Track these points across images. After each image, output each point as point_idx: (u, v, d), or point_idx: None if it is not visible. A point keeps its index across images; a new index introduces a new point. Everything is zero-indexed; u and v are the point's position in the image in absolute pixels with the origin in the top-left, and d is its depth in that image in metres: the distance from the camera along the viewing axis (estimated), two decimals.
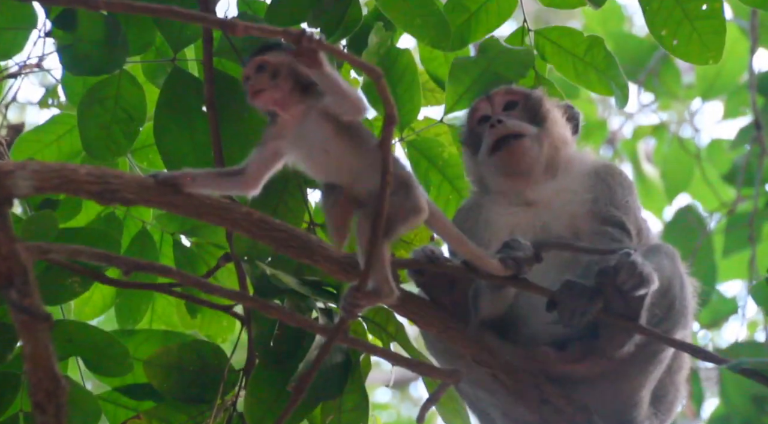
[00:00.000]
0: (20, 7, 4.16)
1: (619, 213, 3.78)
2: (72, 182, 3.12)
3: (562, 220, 3.77)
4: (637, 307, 3.48)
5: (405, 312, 3.59)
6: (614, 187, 3.85)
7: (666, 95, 8.89)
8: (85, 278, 3.94)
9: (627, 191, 3.86)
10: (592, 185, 3.84)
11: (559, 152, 3.94)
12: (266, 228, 3.33)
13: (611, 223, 3.74)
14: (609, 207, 3.78)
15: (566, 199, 3.81)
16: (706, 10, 4.02)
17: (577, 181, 3.86)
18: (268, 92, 3.24)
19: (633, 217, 3.82)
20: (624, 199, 3.83)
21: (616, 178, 3.89)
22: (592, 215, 3.76)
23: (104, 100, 4.22)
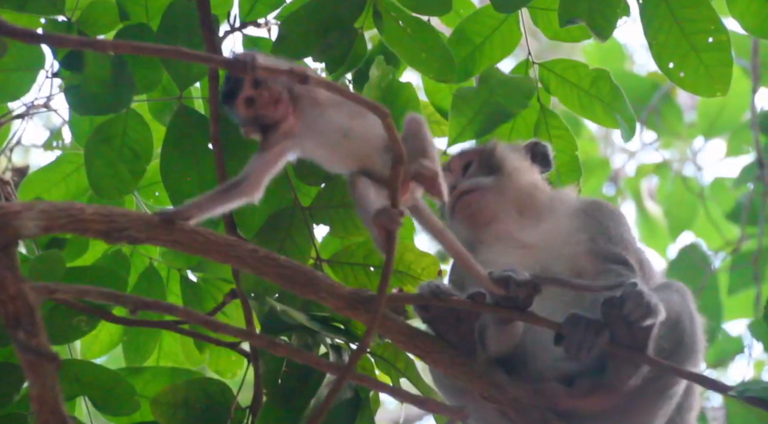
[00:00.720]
0: (28, 49, 4.19)
1: (619, 249, 3.78)
2: (79, 222, 3.13)
3: (561, 261, 3.77)
4: (645, 338, 3.46)
5: (412, 348, 3.57)
6: (606, 223, 3.86)
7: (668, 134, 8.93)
8: (91, 317, 3.93)
9: (619, 224, 3.87)
10: (583, 224, 3.85)
11: (532, 192, 3.97)
12: (272, 265, 3.33)
13: (614, 260, 3.74)
14: (607, 245, 3.78)
15: (562, 240, 3.81)
16: (712, 43, 4.04)
17: (566, 221, 3.87)
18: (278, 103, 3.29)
19: (632, 249, 3.83)
20: (618, 233, 3.84)
21: (606, 214, 3.90)
22: (593, 254, 3.77)
23: (111, 139, 4.25)
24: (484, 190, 3.94)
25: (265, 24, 4.37)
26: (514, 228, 3.89)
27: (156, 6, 4.26)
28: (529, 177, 4.01)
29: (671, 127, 8.82)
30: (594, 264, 3.74)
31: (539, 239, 3.84)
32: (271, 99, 3.32)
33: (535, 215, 3.92)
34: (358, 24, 4.23)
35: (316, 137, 3.34)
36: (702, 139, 8.93)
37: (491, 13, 4.33)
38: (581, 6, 4.04)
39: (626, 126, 4.35)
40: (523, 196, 3.95)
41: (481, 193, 3.94)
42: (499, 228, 3.90)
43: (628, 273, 3.70)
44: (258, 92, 3.32)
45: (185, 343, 4.50)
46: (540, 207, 3.95)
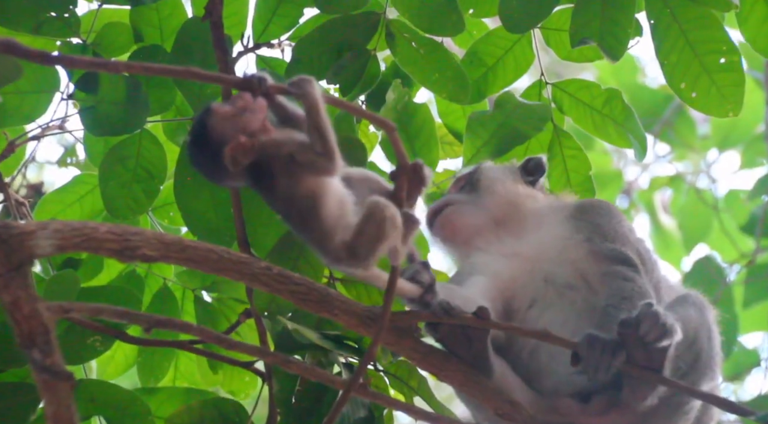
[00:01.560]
0: (43, 71, 4.21)
1: (617, 245, 3.78)
2: (93, 241, 3.13)
3: (565, 268, 3.77)
4: (661, 358, 3.45)
5: (426, 366, 3.57)
6: (597, 221, 3.86)
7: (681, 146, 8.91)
8: (106, 337, 3.94)
9: (611, 219, 3.88)
10: (577, 226, 3.85)
11: (513, 202, 3.98)
12: (285, 282, 3.33)
13: (615, 260, 3.74)
14: (605, 243, 3.78)
15: (560, 245, 3.82)
16: (724, 64, 4.05)
17: (560, 226, 3.88)
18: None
19: (629, 243, 3.82)
20: (612, 228, 3.84)
21: (596, 211, 3.91)
22: (593, 255, 3.77)
23: (125, 160, 4.27)
24: (456, 206, 3.97)
25: (278, 45, 4.39)
26: (500, 239, 3.89)
27: (170, 27, 4.29)
28: (508, 188, 4.03)
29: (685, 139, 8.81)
30: (596, 265, 3.74)
31: (536, 248, 3.84)
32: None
33: (522, 224, 3.93)
34: (371, 45, 4.26)
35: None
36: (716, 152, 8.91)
37: (504, 34, 4.35)
38: (592, 27, 4.05)
39: (638, 146, 4.36)
40: (502, 208, 3.98)
41: (452, 210, 3.99)
42: (482, 241, 3.91)
43: (632, 273, 3.69)
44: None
45: (200, 363, 4.51)
46: (528, 216, 3.96)
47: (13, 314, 2.97)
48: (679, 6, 4.05)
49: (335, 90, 4.28)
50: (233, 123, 3.07)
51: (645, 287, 3.67)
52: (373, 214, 3.10)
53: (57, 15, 4.12)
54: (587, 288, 3.73)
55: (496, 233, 3.93)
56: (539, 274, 3.77)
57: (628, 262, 3.73)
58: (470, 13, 4.41)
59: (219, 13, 4.05)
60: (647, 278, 3.73)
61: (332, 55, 4.19)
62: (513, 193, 4.02)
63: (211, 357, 4.19)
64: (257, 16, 4.30)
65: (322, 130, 3.02)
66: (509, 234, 3.92)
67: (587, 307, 3.66)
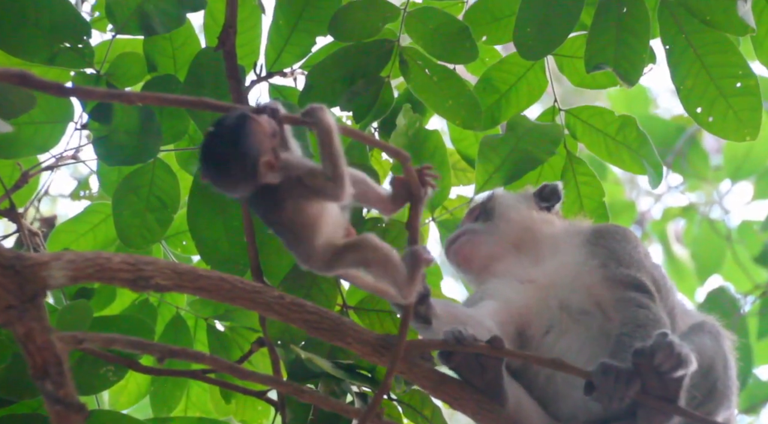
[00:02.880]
0: (57, 101, 4.23)
1: (632, 271, 3.76)
2: (106, 271, 3.13)
3: (580, 294, 3.76)
4: (676, 388, 3.42)
5: (440, 394, 3.56)
6: (613, 246, 3.85)
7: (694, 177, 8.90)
8: (119, 367, 3.93)
9: (626, 244, 3.86)
10: (592, 252, 3.84)
11: (530, 228, 3.97)
12: (299, 311, 3.32)
13: (630, 286, 3.73)
14: (620, 268, 3.77)
15: (575, 271, 3.80)
16: (741, 88, 4.04)
17: (575, 252, 3.87)
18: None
19: (645, 269, 3.80)
20: (627, 253, 3.82)
21: (611, 237, 3.89)
22: (608, 282, 3.75)
23: (139, 189, 4.28)
24: (472, 234, 3.97)
25: (291, 73, 4.41)
26: (516, 265, 3.89)
27: (183, 57, 4.31)
28: (523, 215, 4.02)
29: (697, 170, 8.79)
30: (610, 291, 3.73)
31: (551, 274, 3.83)
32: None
33: (539, 250, 3.93)
34: (384, 73, 4.28)
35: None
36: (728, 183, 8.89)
37: (517, 60, 4.37)
38: (607, 53, 4.07)
39: (653, 172, 4.35)
40: (518, 234, 3.97)
41: (468, 238, 3.99)
42: (499, 267, 3.90)
43: (646, 300, 3.68)
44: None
45: (213, 393, 4.49)
46: (543, 242, 3.95)
47: (27, 346, 2.97)
48: (694, 31, 4.06)
49: (348, 117, 4.30)
50: (268, 137, 3.06)
51: (659, 315, 3.65)
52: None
53: (71, 46, 4.14)
54: (602, 315, 3.71)
55: (513, 259, 3.93)
56: (554, 300, 3.76)
57: (642, 288, 3.72)
58: (483, 40, 4.42)
59: (232, 42, 4.07)
60: (662, 305, 3.71)
61: (345, 82, 4.21)
62: (528, 220, 4.02)
63: (224, 386, 4.16)
64: (270, 45, 4.32)
65: (334, 157, 3.03)
66: (525, 260, 3.91)
67: (602, 334, 3.64)
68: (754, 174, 8.69)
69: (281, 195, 3.08)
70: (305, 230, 3.11)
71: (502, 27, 4.40)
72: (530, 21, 4.08)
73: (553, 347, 3.70)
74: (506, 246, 3.96)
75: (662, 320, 3.64)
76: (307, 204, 3.09)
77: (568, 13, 4.06)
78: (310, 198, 3.08)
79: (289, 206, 3.08)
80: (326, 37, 4.30)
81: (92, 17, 4.54)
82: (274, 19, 4.30)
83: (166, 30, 4.23)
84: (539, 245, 3.95)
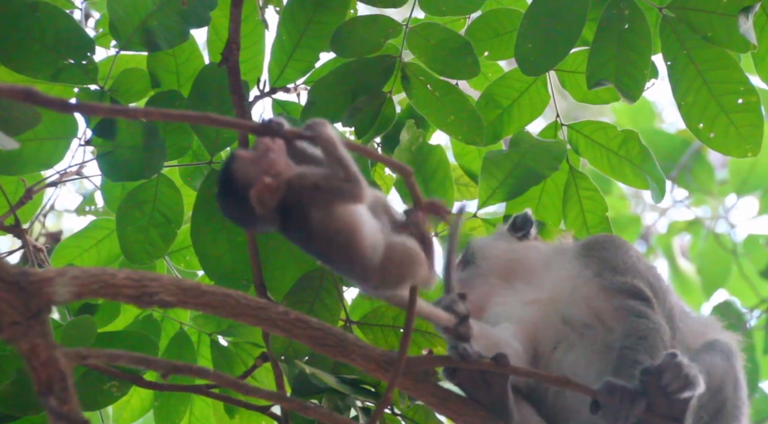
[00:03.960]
0: (61, 117, 4.23)
1: (627, 278, 3.75)
2: (111, 287, 3.13)
3: (579, 306, 3.75)
4: (682, 409, 3.40)
5: (444, 411, 3.54)
6: (604, 255, 3.84)
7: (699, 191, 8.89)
8: (123, 382, 3.93)
9: (617, 251, 3.86)
10: (585, 263, 3.84)
11: (518, 260, 3.99)
12: (303, 327, 3.31)
13: (626, 293, 3.72)
14: (615, 276, 3.76)
15: (572, 285, 3.80)
16: (742, 104, 4.04)
17: (569, 266, 3.86)
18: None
19: (639, 274, 3.79)
20: (621, 260, 3.82)
21: (600, 245, 3.89)
22: (604, 291, 3.74)
23: (142, 205, 4.29)
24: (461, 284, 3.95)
25: (294, 89, 4.42)
26: (513, 294, 3.88)
27: (187, 73, 4.33)
28: (502, 248, 4.02)
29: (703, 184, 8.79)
30: (608, 301, 3.72)
31: (549, 291, 3.83)
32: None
33: (532, 274, 3.92)
34: (386, 88, 4.29)
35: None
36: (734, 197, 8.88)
37: (519, 76, 4.37)
38: (609, 68, 4.07)
39: (656, 187, 4.34)
40: (504, 266, 3.98)
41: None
42: (499, 300, 3.90)
43: (644, 309, 3.67)
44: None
45: (216, 408, 4.48)
46: (534, 265, 3.95)
47: (31, 362, 2.97)
48: (696, 47, 4.06)
49: (351, 133, 4.30)
50: (256, 165, 3.08)
51: (659, 323, 3.64)
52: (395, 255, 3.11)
53: (75, 62, 4.16)
54: (602, 326, 3.71)
55: (508, 290, 3.92)
56: (557, 316, 3.76)
57: (639, 295, 3.71)
58: (485, 56, 4.43)
59: (236, 58, 4.08)
60: (660, 309, 3.70)
61: (348, 98, 4.22)
62: (509, 251, 4.02)
63: (228, 402, 4.16)
64: (273, 61, 4.33)
65: (343, 161, 3.03)
66: (521, 286, 3.91)
67: (606, 347, 3.64)
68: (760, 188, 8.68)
69: (305, 210, 3.08)
70: (343, 236, 3.09)
71: (504, 43, 4.40)
72: (532, 37, 4.09)
73: (562, 362, 3.69)
74: (496, 282, 3.95)
75: (662, 329, 3.64)
76: (333, 209, 3.07)
77: (570, 28, 4.07)
78: (333, 202, 3.07)
79: (316, 216, 3.08)
80: (330, 53, 4.32)
81: (96, 33, 4.57)
82: (277, 34, 4.31)
83: (170, 46, 4.24)
84: (530, 269, 3.95)
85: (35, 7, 4.07)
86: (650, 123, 9.09)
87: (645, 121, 8.89)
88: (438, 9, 4.26)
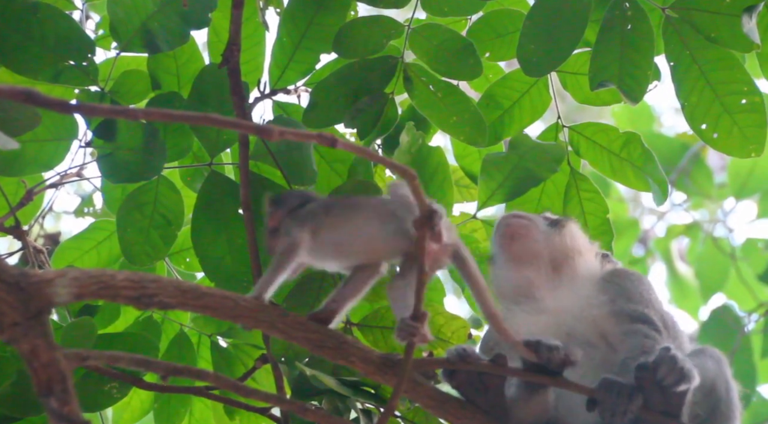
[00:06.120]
0: (62, 119, 4.24)
1: (640, 307, 3.75)
2: (111, 288, 3.13)
3: (585, 325, 3.74)
4: (679, 403, 3.41)
5: (442, 413, 3.54)
6: (625, 285, 3.84)
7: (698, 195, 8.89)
8: (123, 384, 3.93)
9: (639, 284, 3.85)
10: (604, 288, 3.83)
11: (567, 259, 3.95)
12: (302, 329, 3.32)
13: (637, 320, 3.72)
14: (628, 304, 3.76)
15: (583, 303, 3.79)
16: (745, 104, 4.04)
17: (587, 287, 3.86)
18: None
19: (654, 308, 3.79)
20: (638, 292, 3.82)
21: (624, 277, 3.89)
22: (615, 316, 3.74)
23: (143, 206, 4.28)
24: (534, 224, 3.93)
25: (294, 91, 4.42)
26: (542, 286, 3.86)
27: (187, 74, 4.33)
28: (579, 244, 3.99)
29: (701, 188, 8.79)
30: (618, 325, 3.72)
31: (562, 304, 3.82)
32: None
33: (559, 277, 3.90)
34: (388, 89, 4.29)
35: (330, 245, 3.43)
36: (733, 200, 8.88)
37: (520, 77, 4.37)
38: (611, 69, 4.07)
39: (658, 189, 4.33)
40: (561, 258, 3.93)
41: (529, 223, 3.93)
42: (529, 280, 3.86)
43: (653, 333, 3.67)
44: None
45: (216, 409, 4.48)
46: (570, 272, 3.92)
47: (31, 363, 2.97)
48: (699, 47, 4.06)
49: (352, 134, 4.30)
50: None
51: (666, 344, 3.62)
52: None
53: (75, 64, 4.16)
54: (607, 346, 3.70)
55: (543, 276, 3.88)
56: (563, 328, 3.75)
57: (649, 322, 3.71)
58: (486, 57, 4.43)
59: (236, 59, 4.08)
60: (670, 341, 3.68)
61: (349, 99, 4.22)
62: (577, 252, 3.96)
63: (228, 403, 4.15)
64: (274, 62, 4.33)
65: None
66: (547, 282, 3.88)
67: (605, 364, 3.62)
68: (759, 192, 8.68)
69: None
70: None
71: (506, 43, 4.41)
72: (534, 38, 4.09)
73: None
74: (546, 257, 3.91)
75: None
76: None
77: (572, 29, 4.07)
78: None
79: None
80: (330, 54, 4.32)
81: (96, 35, 4.57)
82: (278, 36, 4.32)
83: (170, 47, 4.24)
84: (566, 273, 3.92)
85: (36, 9, 4.07)
86: (649, 126, 9.10)
87: (644, 124, 8.90)
88: (440, 9, 4.27)
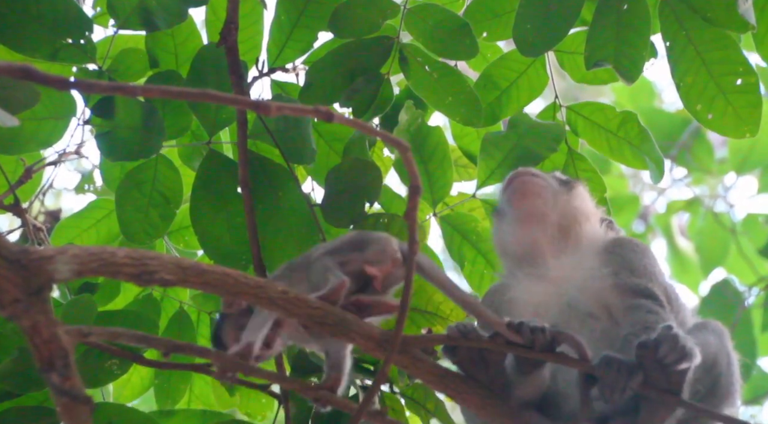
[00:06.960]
0: (60, 97, 4.24)
1: (643, 281, 3.75)
2: (111, 265, 3.14)
3: (588, 296, 3.74)
4: (679, 381, 3.41)
5: (443, 388, 3.56)
6: (628, 256, 3.83)
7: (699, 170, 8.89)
8: (123, 360, 3.95)
9: (642, 256, 3.84)
10: (607, 259, 3.82)
11: (575, 223, 3.94)
12: (302, 306, 3.33)
13: (640, 294, 3.72)
14: (631, 277, 3.75)
15: (587, 274, 3.79)
16: (741, 85, 4.04)
17: (591, 256, 3.84)
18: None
19: (657, 281, 3.79)
20: (642, 265, 3.80)
21: (627, 247, 3.87)
22: (618, 289, 3.74)
23: (141, 185, 4.29)
24: (545, 182, 3.92)
25: (293, 69, 4.42)
26: (547, 249, 3.86)
27: (185, 53, 4.32)
28: (586, 207, 3.99)
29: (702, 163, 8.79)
30: (620, 298, 3.71)
31: (564, 272, 3.82)
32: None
33: (564, 243, 3.89)
34: (384, 69, 4.28)
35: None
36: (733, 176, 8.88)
37: (518, 57, 4.36)
38: (607, 49, 4.06)
39: (655, 168, 4.34)
40: (568, 222, 3.92)
41: (540, 181, 3.91)
42: (535, 241, 3.86)
43: (656, 308, 3.67)
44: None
45: (216, 386, 4.51)
46: (576, 238, 3.91)
47: (33, 339, 2.98)
48: (695, 28, 4.06)
49: (348, 114, 4.30)
50: None
51: (668, 319, 3.63)
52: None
53: (73, 41, 4.16)
54: (609, 319, 3.70)
55: (549, 241, 3.88)
56: (564, 298, 3.76)
57: (653, 297, 3.70)
58: (483, 37, 4.42)
59: (234, 38, 4.08)
60: (672, 316, 3.69)
61: (346, 79, 4.22)
62: (584, 215, 3.95)
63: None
64: (272, 41, 4.33)
65: None
66: (551, 246, 3.88)
67: (606, 337, 3.62)
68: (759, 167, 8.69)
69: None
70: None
71: (503, 23, 4.40)
72: (530, 17, 4.09)
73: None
74: (554, 221, 3.89)
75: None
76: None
77: (568, 9, 4.06)
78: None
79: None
80: (328, 33, 4.32)
81: (94, 13, 4.56)
82: (275, 14, 4.31)
83: (168, 26, 4.24)
84: (573, 238, 3.90)
85: None
86: (650, 102, 9.09)
87: (645, 100, 8.89)
88: None
